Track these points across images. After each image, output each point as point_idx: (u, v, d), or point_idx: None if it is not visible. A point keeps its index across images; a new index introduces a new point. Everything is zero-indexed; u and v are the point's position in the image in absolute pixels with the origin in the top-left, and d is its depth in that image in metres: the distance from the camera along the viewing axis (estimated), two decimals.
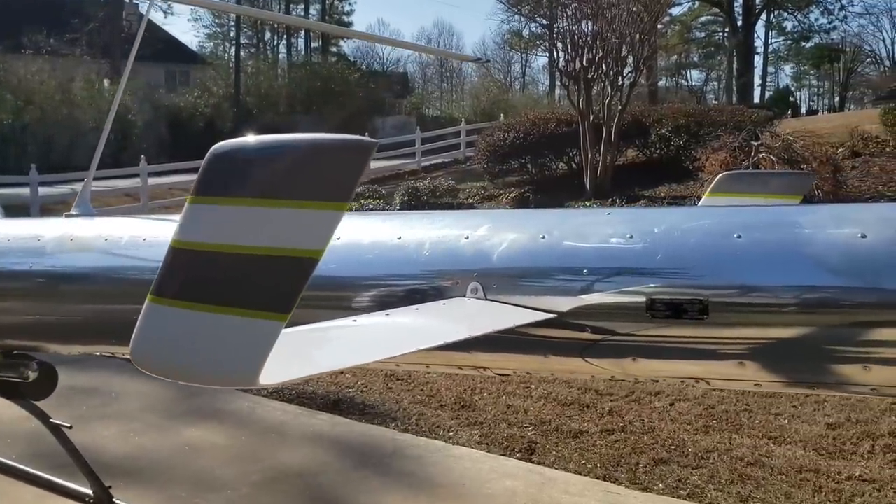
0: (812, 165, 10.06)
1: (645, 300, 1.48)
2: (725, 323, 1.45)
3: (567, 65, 15.96)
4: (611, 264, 1.54)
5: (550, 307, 1.54)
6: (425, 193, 16.86)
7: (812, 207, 1.64)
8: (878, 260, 1.34)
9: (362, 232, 1.84)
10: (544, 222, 1.64)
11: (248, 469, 4.65)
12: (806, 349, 1.42)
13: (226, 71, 43.34)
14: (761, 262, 1.42)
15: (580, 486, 4.35)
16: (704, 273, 1.46)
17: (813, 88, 69.96)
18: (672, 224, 1.57)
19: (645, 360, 1.52)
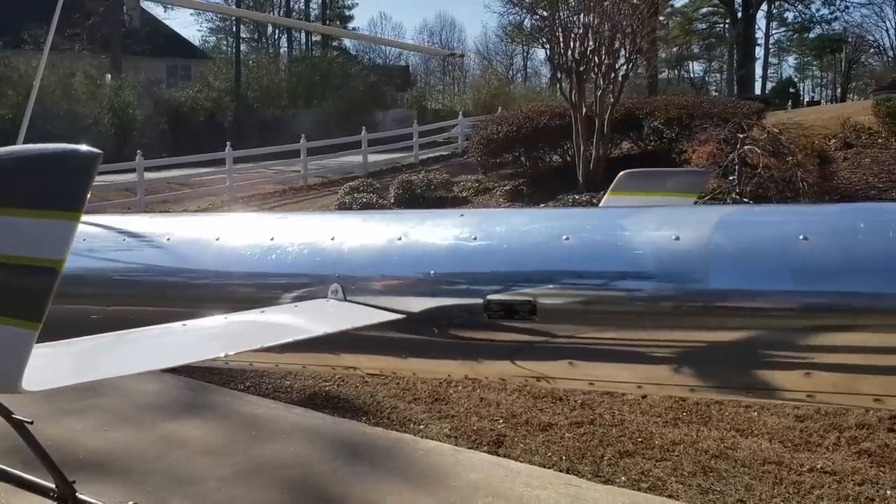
0: (797, 157, 10.06)
1: (482, 301, 1.51)
2: (553, 323, 1.48)
3: (559, 57, 15.93)
4: (454, 266, 1.58)
5: (402, 308, 1.58)
6: (420, 187, 16.87)
7: (637, 210, 1.66)
8: (686, 261, 1.37)
9: (239, 233, 1.88)
10: (404, 224, 1.68)
11: (218, 463, 4.71)
12: (632, 350, 1.45)
13: (227, 65, 43.34)
14: (585, 262, 1.44)
15: (543, 479, 4.39)
16: (534, 274, 1.49)
17: (816, 79, 69.68)
18: (513, 226, 1.60)
19: (489, 360, 1.55)
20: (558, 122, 17.02)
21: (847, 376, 1.38)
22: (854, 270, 1.30)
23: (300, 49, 52.61)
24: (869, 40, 56.78)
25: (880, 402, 1.38)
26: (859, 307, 1.33)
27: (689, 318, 1.39)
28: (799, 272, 1.33)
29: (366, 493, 4.27)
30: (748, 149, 10.10)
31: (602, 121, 15.47)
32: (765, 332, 1.37)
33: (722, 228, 1.42)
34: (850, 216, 1.40)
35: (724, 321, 1.38)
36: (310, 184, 21.01)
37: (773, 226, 1.41)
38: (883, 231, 1.32)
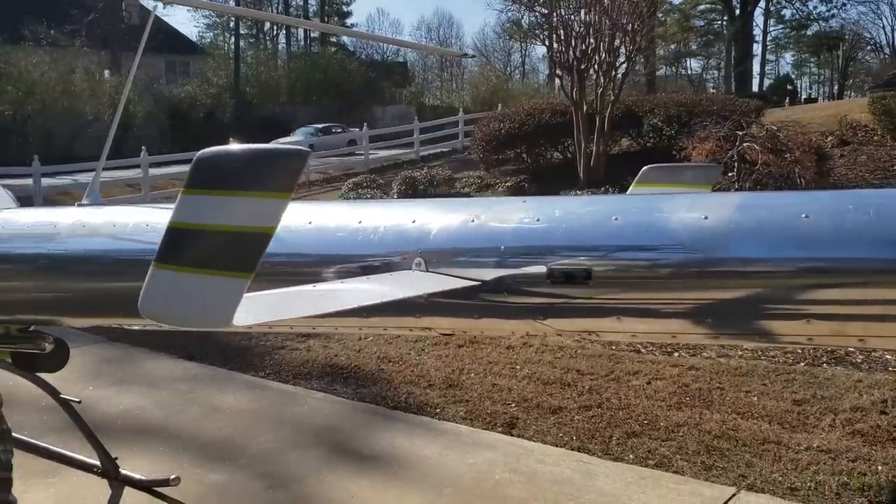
0: (795, 154, 10.34)
1: (546, 270, 1.84)
2: (605, 286, 1.81)
3: (560, 55, 16.19)
4: (521, 242, 1.91)
5: (476, 277, 1.90)
6: (422, 183, 17.13)
7: (671, 196, 2.02)
8: (714, 236, 1.70)
9: (329, 217, 2.19)
10: (474, 209, 2.00)
11: (251, 441, 4.98)
12: (667, 308, 1.78)
13: (225, 61, 43.56)
14: (631, 237, 1.79)
15: (555, 457, 4.66)
16: (590, 247, 1.83)
17: (813, 76, 70.08)
18: (569, 209, 1.94)
19: (549, 318, 1.87)
20: (559, 120, 17.30)
21: (838, 323, 1.70)
22: (843, 241, 1.62)
23: (298, 45, 52.82)
24: (866, 38, 57.22)
25: (863, 342, 1.72)
26: (847, 269, 1.64)
27: (713, 281, 1.71)
28: (800, 242, 1.66)
29: (388, 466, 4.54)
30: (747, 146, 10.38)
31: (602, 118, 15.76)
32: (774, 290, 1.70)
33: (741, 209, 1.75)
34: (841, 200, 1.72)
35: (742, 282, 1.71)
36: (312, 180, 21.27)
37: (780, 207, 1.74)
38: (866, 211, 1.64)
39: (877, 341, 1.77)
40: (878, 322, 1.65)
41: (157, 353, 7.12)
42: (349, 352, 6.89)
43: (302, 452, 4.81)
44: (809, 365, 6.09)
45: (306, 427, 5.29)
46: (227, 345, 7.21)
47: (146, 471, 4.05)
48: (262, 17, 40.27)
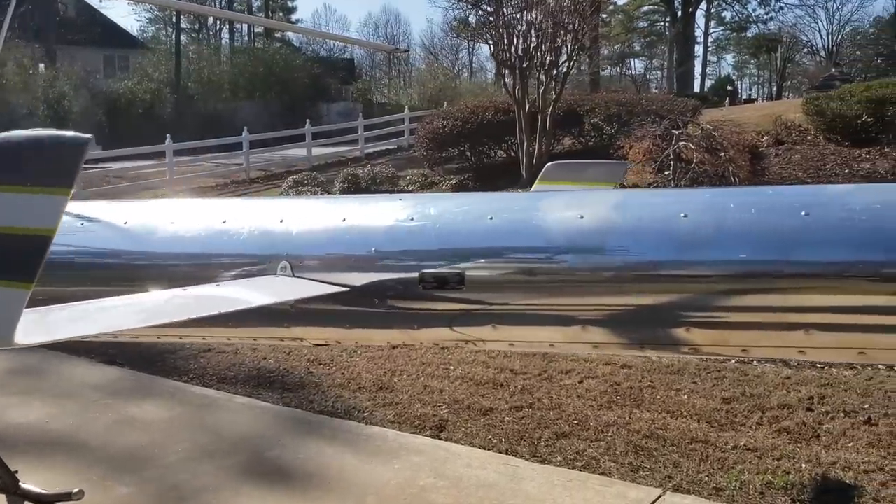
0: (729, 153, 10.47)
1: (417, 274, 1.70)
2: (479, 291, 1.67)
3: (502, 53, 16.16)
4: (393, 244, 1.76)
5: (345, 282, 1.74)
6: (365, 181, 16.93)
7: (550, 194, 1.91)
8: (589, 235, 1.59)
9: (193, 216, 2.01)
10: (347, 207, 1.86)
11: (167, 451, 4.75)
12: (545, 313, 1.65)
13: (167, 56, 42.54)
14: (505, 238, 1.65)
15: (482, 460, 4.56)
16: (463, 250, 1.68)
17: (753, 78, 71.76)
18: (445, 208, 1.79)
19: (424, 327, 1.73)
20: (503, 118, 17.29)
21: (720, 332, 1.60)
22: (723, 241, 1.52)
23: (242, 41, 51.95)
24: (803, 40, 58.80)
25: (746, 353, 1.68)
26: (727, 272, 1.54)
27: (589, 285, 1.59)
28: (679, 243, 1.54)
29: (308, 477, 4.37)
30: (683, 145, 10.47)
31: (544, 117, 15.77)
32: (652, 294, 1.58)
33: (618, 208, 1.63)
34: (723, 197, 1.62)
35: (619, 286, 1.59)
36: (252, 177, 20.88)
37: (659, 206, 1.62)
38: (748, 210, 1.54)
39: (761, 351, 1.68)
40: (760, 330, 1.56)
41: (75, 358, 6.80)
42: (278, 354, 6.68)
43: (219, 462, 4.61)
44: (740, 362, 6.12)
45: (226, 435, 5.08)
46: (151, 348, 6.93)
47: (50, 485, 3.82)
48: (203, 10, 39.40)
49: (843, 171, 13.60)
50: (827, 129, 14.87)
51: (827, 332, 1.58)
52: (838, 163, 13.96)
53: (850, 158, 14.07)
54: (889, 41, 53.71)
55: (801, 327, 1.57)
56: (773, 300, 1.53)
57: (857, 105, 14.41)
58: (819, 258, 1.53)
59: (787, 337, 1.58)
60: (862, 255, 1.52)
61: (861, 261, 1.51)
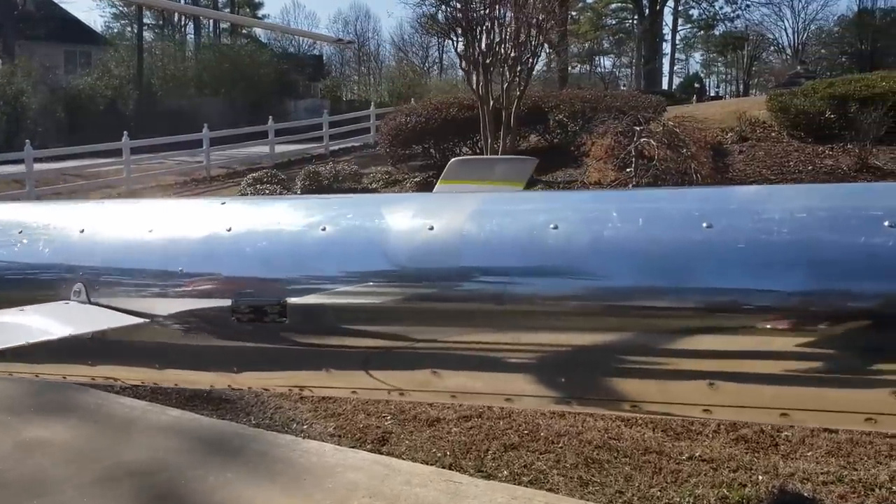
0: (691, 150, 10.31)
1: (231, 303, 1.35)
2: (305, 323, 1.33)
3: (466, 49, 15.89)
4: (203, 263, 1.41)
5: (148, 310, 1.41)
6: (327, 178, 16.58)
7: (398, 198, 1.61)
8: (439, 252, 1.28)
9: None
10: (157, 214, 1.51)
11: (82, 469, 4.42)
12: (391, 353, 1.33)
13: (130, 52, 41.69)
14: (339, 256, 1.32)
15: (424, 477, 4.29)
16: (286, 271, 1.35)
17: (721, 75, 72.27)
18: (273, 216, 1.46)
19: (247, 371, 1.40)
20: (468, 114, 17.01)
21: (600, 380, 1.31)
22: (598, 258, 1.23)
23: (208, 36, 51.18)
24: (769, 38, 59.32)
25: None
26: (599, 294, 1.26)
27: (438, 317, 1.28)
28: (545, 263, 1.24)
29: (236, 495, 4.07)
30: (644, 141, 10.28)
31: (509, 113, 15.53)
32: (510, 328, 1.28)
33: (475, 217, 1.32)
34: (604, 203, 1.33)
35: (478, 314, 1.28)
36: (214, 175, 20.40)
37: (523, 214, 1.32)
38: (632, 220, 1.24)
39: (655, 406, 1.37)
40: (650, 379, 1.24)
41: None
42: None
43: (140, 482, 4.29)
44: None
45: (153, 452, 4.75)
46: None
47: None
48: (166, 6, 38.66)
49: (807, 167, 13.54)
50: (791, 125, 14.82)
51: (737, 385, 1.27)
52: (801, 159, 13.90)
53: (813, 155, 14.02)
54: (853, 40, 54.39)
55: (703, 378, 1.29)
56: (664, 340, 1.23)
57: (820, 102, 14.38)
58: (723, 285, 1.20)
59: (686, 391, 1.28)
60: (780, 283, 1.20)
61: (779, 290, 1.20)
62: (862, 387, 1.18)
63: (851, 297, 1.14)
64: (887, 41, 52.20)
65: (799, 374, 1.21)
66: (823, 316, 1.16)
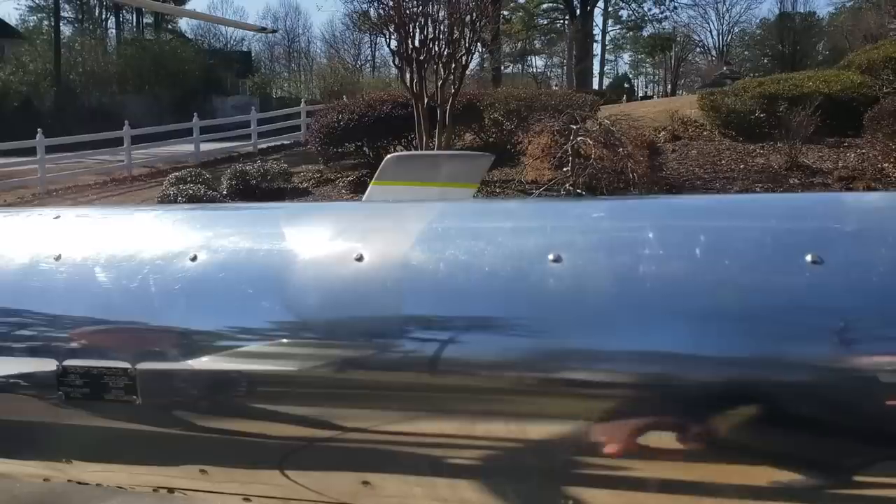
0: (627, 149, 10.23)
1: (56, 367, 0.95)
2: (165, 404, 0.94)
3: (399, 45, 15.58)
4: (21, 304, 1.00)
5: None
6: (255, 177, 16.02)
7: (313, 207, 1.25)
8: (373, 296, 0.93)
9: None
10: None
11: None
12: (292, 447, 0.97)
13: (46, 46, 39.92)
14: (216, 299, 0.95)
15: None
16: (139, 320, 0.95)
17: (649, 76, 73.82)
18: (126, 234, 1.06)
19: (82, 461, 1.01)
20: (401, 112, 16.70)
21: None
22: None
23: (131, 31, 49.51)
24: (695, 40, 60.80)
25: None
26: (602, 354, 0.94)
27: (382, 393, 0.91)
28: (543, 305, 0.90)
29: None
30: (581, 140, 10.15)
31: (444, 111, 15.28)
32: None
33: (426, 240, 0.95)
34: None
35: (423, 396, 0.94)
36: (135, 174, 19.53)
37: (498, 234, 0.97)
38: (688, 244, 0.93)
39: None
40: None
41: None
42: None
43: None
44: None
45: None
46: None
47: None
48: None
49: (739, 165, 13.70)
50: (722, 124, 15.01)
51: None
52: (733, 158, 14.08)
53: (744, 153, 14.22)
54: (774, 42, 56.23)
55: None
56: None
57: (750, 101, 14.59)
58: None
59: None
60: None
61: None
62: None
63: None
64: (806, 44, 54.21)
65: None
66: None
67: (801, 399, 0.82)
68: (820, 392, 0.82)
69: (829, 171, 12.80)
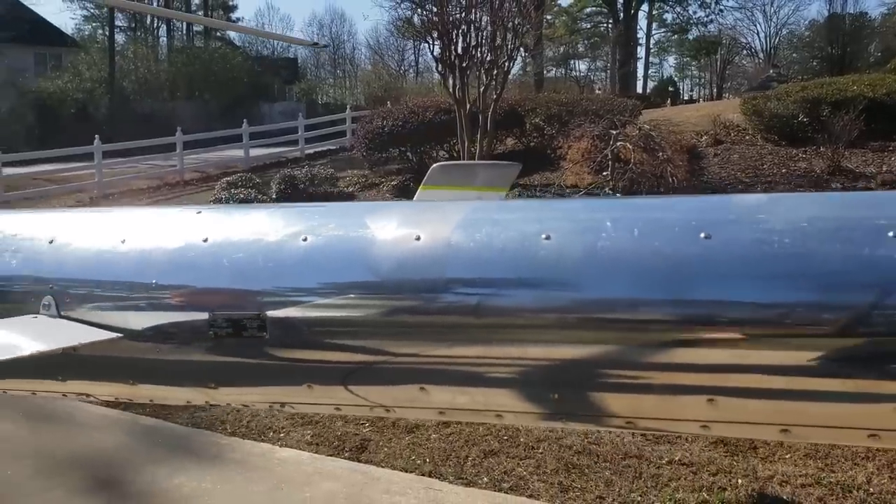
0: (667, 153, 10.36)
1: (208, 316, 1.31)
2: (286, 339, 1.30)
3: (442, 52, 15.86)
4: (178, 274, 1.36)
5: (121, 324, 1.37)
6: (303, 182, 16.45)
7: (383, 206, 1.59)
8: (426, 262, 1.26)
9: None
10: (131, 223, 1.47)
11: (50, 484, 4.32)
12: (374, 368, 1.30)
13: (101, 54, 41.19)
14: (321, 267, 1.30)
15: (403, 485, 4.24)
16: (265, 282, 1.31)
17: (695, 79, 72.93)
18: (252, 225, 1.42)
19: (225, 387, 1.37)
20: (444, 118, 16.99)
21: (592, 395, 1.29)
22: (590, 271, 1.21)
23: (182, 39, 50.73)
24: (742, 42, 59.95)
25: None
26: (598, 311, 1.24)
27: (427, 332, 1.26)
28: (536, 276, 1.22)
29: None
30: (620, 145, 10.31)
31: (486, 117, 15.53)
32: (497, 342, 1.27)
33: (462, 227, 1.30)
34: (597, 212, 1.31)
35: (459, 333, 1.27)
36: (187, 178, 20.17)
37: (513, 223, 1.30)
38: (628, 229, 1.23)
39: (650, 423, 1.37)
40: (645, 394, 1.24)
41: None
42: None
43: (113, 492, 4.20)
44: None
45: (131, 460, 4.65)
46: None
47: None
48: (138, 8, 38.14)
49: (781, 170, 13.67)
50: (764, 128, 14.97)
51: (736, 401, 1.24)
52: (775, 162, 14.05)
53: (786, 158, 14.17)
54: (823, 44, 55.14)
55: (702, 393, 1.28)
56: (660, 355, 1.21)
57: (793, 105, 14.53)
58: (722, 297, 1.18)
59: (683, 406, 1.27)
60: (783, 295, 1.17)
61: (780, 303, 1.17)
62: (865, 402, 1.15)
63: (855, 310, 1.12)
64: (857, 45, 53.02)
65: (801, 389, 1.18)
66: (826, 330, 1.13)
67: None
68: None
69: (872, 175, 12.73)
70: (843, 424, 1.23)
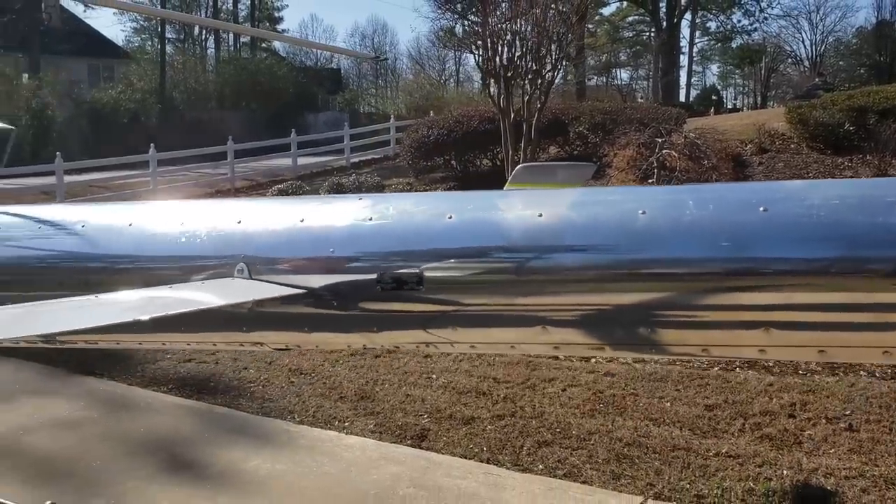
0: (712, 161, 10.50)
1: (375, 276, 1.67)
2: (438, 292, 1.66)
3: (486, 63, 16.16)
4: (350, 245, 1.74)
5: (303, 284, 1.72)
6: (350, 190, 16.89)
7: (510, 193, 1.92)
8: (548, 233, 1.60)
9: (152, 218, 1.98)
10: (305, 207, 1.83)
11: (142, 463, 4.68)
12: (505, 314, 1.65)
13: (152, 66, 42.42)
14: (464, 237, 1.65)
15: (463, 469, 4.51)
16: (421, 249, 1.67)
17: (738, 87, 72.17)
18: (403, 207, 1.78)
19: (384, 330, 1.72)
20: (488, 127, 17.29)
21: (677, 331, 1.60)
22: (680, 239, 1.53)
23: (228, 50, 51.92)
24: (786, 51, 59.25)
25: (706, 352, 1.69)
26: (681, 270, 1.55)
27: (549, 285, 1.59)
28: (637, 241, 1.55)
29: (287, 486, 4.31)
30: (666, 153, 10.49)
31: (529, 125, 15.78)
32: (612, 292, 1.59)
33: (576, 206, 1.64)
34: (680, 195, 1.63)
35: (578, 284, 1.60)
36: (237, 187, 20.77)
37: (617, 203, 1.63)
38: (705, 207, 1.55)
39: (721, 350, 1.68)
40: (720, 329, 1.57)
41: (52, 369, 6.71)
42: (259, 364, 6.62)
43: (196, 472, 4.55)
44: (723, 370, 6.11)
45: (212, 446, 5.01)
46: (130, 358, 6.85)
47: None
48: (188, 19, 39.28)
49: (826, 178, 13.66)
50: (810, 137, 14.94)
51: (786, 331, 1.60)
52: (821, 171, 14.03)
53: (832, 166, 14.15)
54: (871, 52, 54.28)
55: (761, 326, 1.58)
56: (732, 298, 1.54)
57: (839, 114, 14.49)
58: (777, 255, 1.54)
59: (747, 336, 1.59)
60: (820, 252, 1.53)
61: (819, 258, 1.53)
62: (880, 331, 1.48)
63: (873, 262, 1.45)
64: None
65: (833, 321, 1.52)
66: (852, 276, 1.47)
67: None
68: None
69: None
70: (864, 345, 1.55)
